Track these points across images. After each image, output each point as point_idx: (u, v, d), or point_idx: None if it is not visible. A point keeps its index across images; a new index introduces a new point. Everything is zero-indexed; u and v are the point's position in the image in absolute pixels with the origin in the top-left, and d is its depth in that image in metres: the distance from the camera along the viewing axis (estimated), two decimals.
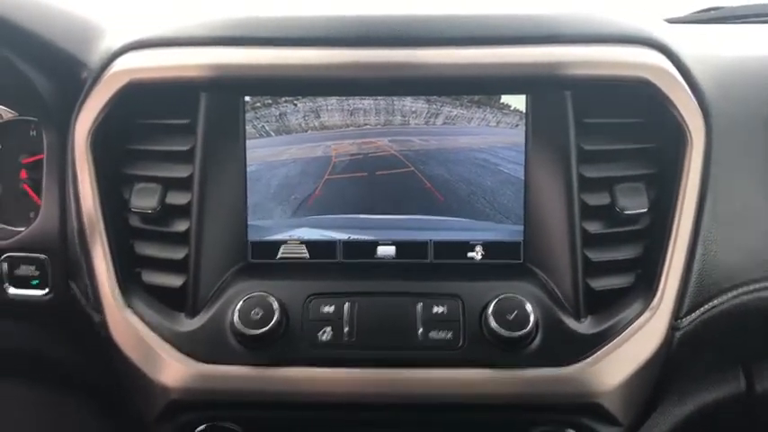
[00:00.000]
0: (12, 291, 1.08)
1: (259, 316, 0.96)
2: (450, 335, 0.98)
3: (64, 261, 1.06)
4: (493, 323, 0.95)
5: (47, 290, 1.08)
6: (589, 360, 0.98)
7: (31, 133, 1.12)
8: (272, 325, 0.95)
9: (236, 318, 0.96)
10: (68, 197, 1.05)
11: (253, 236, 1.06)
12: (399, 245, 1.05)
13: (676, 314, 1.01)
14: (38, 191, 1.10)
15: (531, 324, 0.95)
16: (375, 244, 1.05)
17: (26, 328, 1.14)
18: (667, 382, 1.05)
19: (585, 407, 0.98)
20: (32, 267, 1.09)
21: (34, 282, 1.09)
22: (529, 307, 0.96)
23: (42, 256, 1.08)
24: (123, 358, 1.01)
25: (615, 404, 0.98)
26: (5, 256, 1.08)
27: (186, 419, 1.00)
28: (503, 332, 0.94)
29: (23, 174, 1.12)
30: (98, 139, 1.03)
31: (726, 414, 1.16)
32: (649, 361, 0.99)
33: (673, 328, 1.01)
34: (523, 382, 0.97)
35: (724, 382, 1.16)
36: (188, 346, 0.99)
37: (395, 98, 1.03)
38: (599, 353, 0.98)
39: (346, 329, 0.98)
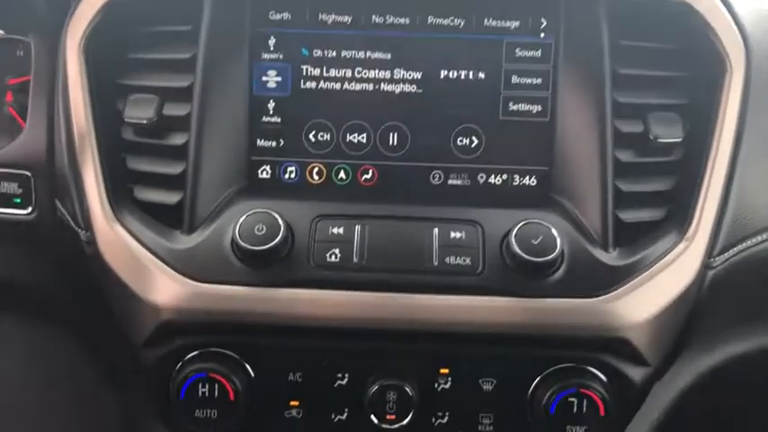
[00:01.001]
0: None
1: (263, 232, 0.88)
2: (468, 260, 0.90)
3: (49, 178, 0.99)
4: (516, 248, 0.87)
5: (30, 209, 1.01)
6: (617, 292, 0.90)
7: (19, 53, 1.05)
8: (276, 242, 0.87)
9: (237, 233, 0.88)
10: (57, 111, 0.98)
11: (256, 154, 0.99)
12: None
13: (709, 252, 0.94)
14: (23, 115, 1.03)
15: (557, 250, 0.88)
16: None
17: (6, 251, 1.07)
18: (696, 326, 0.98)
19: (611, 342, 0.90)
20: (15, 185, 1.02)
21: (16, 200, 1.01)
22: (555, 232, 0.89)
23: (26, 172, 1.01)
24: (112, 277, 0.92)
25: (643, 341, 0.91)
26: None
27: (177, 345, 0.92)
28: (526, 257, 0.87)
29: (9, 96, 1.05)
30: (91, 47, 0.95)
31: (753, 369, 1.10)
32: (680, 298, 0.93)
33: (705, 266, 0.94)
34: (546, 311, 0.89)
35: (753, 335, 1.09)
36: (183, 264, 0.91)
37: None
38: (627, 285, 0.91)
39: (356, 251, 0.90)
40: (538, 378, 0.92)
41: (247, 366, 0.92)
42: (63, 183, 0.97)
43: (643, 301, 0.91)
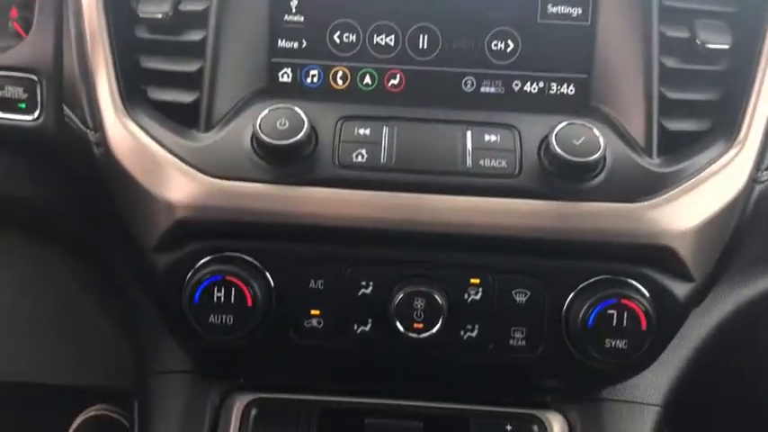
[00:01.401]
0: None
1: (285, 127, 0.82)
2: (503, 163, 0.84)
3: (57, 81, 0.94)
4: (556, 148, 0.81)
5: (36, 114, 0.96)
6: (662, 198, 0.85)
7: None
8: (300, 137, 0.81)
9: (258, 127, 0.82)
10: (66, 9, 0.92)
11: (277, 56, 0.93)
12: None
13: (757, 164, 0.89)
14: (28, 31, 0.97)
15: (600, 152, 0.82)
16: None
17: (8, 162, 1.01)
18: (738, 246, 0.92)
19: (655, 251, 0.84)
20: (20, 89, 0.97)
21: (21, 105, 0.96)
22: (597, 133, 0.83)
23: (31, 76, 0.95)
24: (122, 177, 0.87)
25: (688, 250, 0.85)
26: None
27: (192, 249, 0.86)
28: (568, 157, 0.81)
29: (14, 12, 1.00)
30: None
31: None
32: (726, 209, 0.87)
33: (753, 179, 0.89)
34: (587, 215, 0.84)
35: None
36: (200, 159, 0.85)
37: None
38: (673, 192, 0.85)
39: (384, 152, 0.85)
40: (575, 291, 0.86)
41: (266, 272, 0.86)
42: (72, 85, 0.92)
43: (688, 209, 0.85)
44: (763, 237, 0.98)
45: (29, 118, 0.96)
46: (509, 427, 0.96)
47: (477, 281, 0.87)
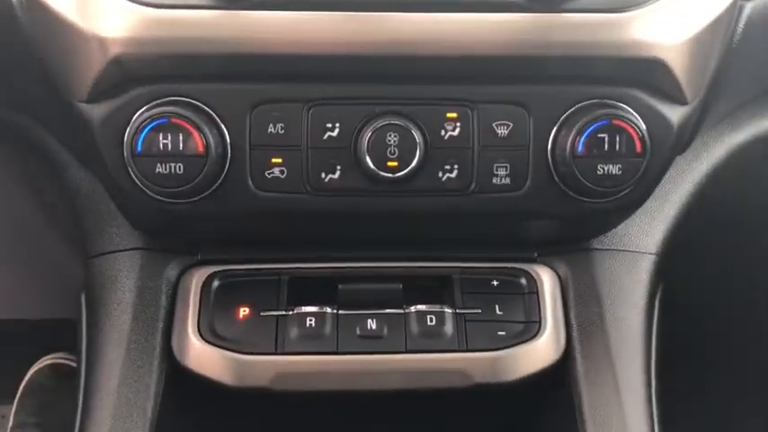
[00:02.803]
0: None
1: None
2: None
3: None
4: None
5: None
6: (649, 7, 0.77)
7: None
8: None
9: None
10: None
11: None
12: None
13: None
14: None
15: None
16: None
17: None
18: (728, 71, 0.86)
19: (646, 64, 0.77)
20: None
21: None
22: None
23: None
24: (48, 17, 0.76)
25: (679, 66, 0.78)
26: None
27: (131, 96, 0.75)
28: None
29: None
30: None
31: None
32: (714, 24, 0.80)
33: None
34: (571, 26, 0.75)
35: None
36: None
37: None
38: (661, 1, 0.77)
39: None
40: (561, 117, 0.78)
41: (217, 117, 0.76)
42: None
43: (677, 21, 0.78)
44: (752, 72, 0.92)
45: None
46: (495, 282, 0.89)
47: (455, 114, 0.78)
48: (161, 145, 0.74)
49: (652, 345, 0.90)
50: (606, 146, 0.77)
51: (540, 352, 0.86)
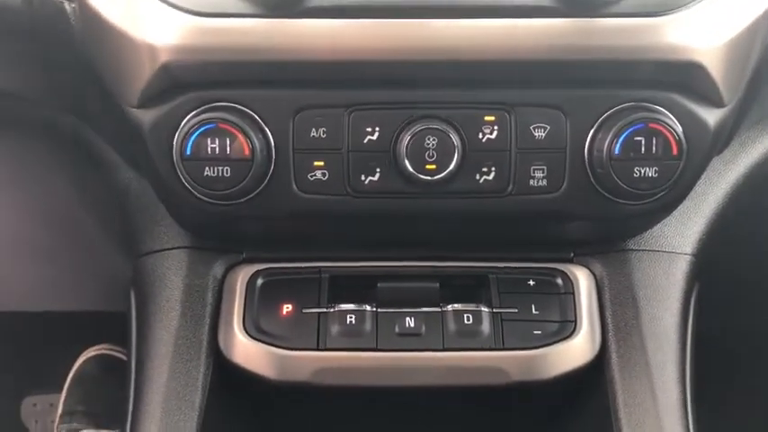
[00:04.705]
0: None
1: None
2: None
3: None
4: None
5: None
6: (688, 11, 0.78)
7: None
8: None
9: None
10: None
11: None
12: None
13: None
14: None
15: None
16: None
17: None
18: (766, 70, 0.86)
19: (683, 68, 0.78)
20: None
21: None
22: None
23: None
24: (99, 26, 0.79)
25: (718, 69, 0.78)
26: None
27: (180, 101, 0.78)
28: None
29: None
30: None
31: None
32: (755, 23, 0.80)
33: None
34: (608, 31, 0.76)
35: None
36: None
37: None
38: (699, 3, 0.78)
39: None
40: (598, 120, 0.79)
41: (262, 122, 0.79)
42: None
43: (716, 23, 0.78)
44: None
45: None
46: (531, 282, 0.90)
47: (493, 117, 0.80)
48: (209, 149, 0.77)
49: (687, 346, 0.91)
50: (643, 148, 0.78)
51: (575, 351, 0.87)
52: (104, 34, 0.80)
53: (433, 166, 0.79)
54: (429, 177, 0.79)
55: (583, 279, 0.91)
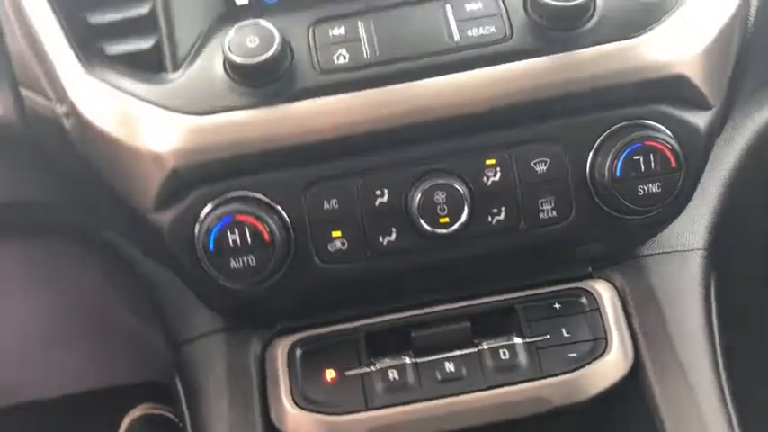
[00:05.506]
0: None
1: (256, 43, 0.77)
2: (492, 28, 0.80)
3: (6, 66, 0.88)
4: None
5: None
6: (661, 27, 0.81)
7: None
8: (274, 50, 0.77)
9: (228, 49, 0.77)
10: None
11: None
12: None
13: None
14: None
15: None
16: None
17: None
18: (745, 64, 0.89)
19: (667, 82, 0.80)
20: None
21: None
22: None
23: None
24: (101, 139, 0.82)
25: (700, 76, 0.81)
26: None
27: (192, 199, 0.81)
28: (557, 4, 0.77)
29: None
30: None
31: None
32: (728, 26, 0.83)
33: None
34: (588, 60, 0.79)
35: None
36: (175, 99, 0.80)
37: None
38: (671, 18, 0.81)
39: (365, 47, 0.80)
40: (595, 146, 0.82)
41: (275, 204, 0.82)
42: (23, 63, 0.86)
43: (691, 33, 0.81)
44: None
45: None
46: (557, 306, 0.93)
47: (493, 161, 0.83)
48: (230, 241, 0.80)
49: (716, 339, 0.93)
50: (642, 167, 0.81)
51: (611, 366, 0.90)
52: (106, 146, 0.83)
53: (446, 219, 0.82)
54: (444, 230, 0.82)
55: (605, 293, 0.94)
